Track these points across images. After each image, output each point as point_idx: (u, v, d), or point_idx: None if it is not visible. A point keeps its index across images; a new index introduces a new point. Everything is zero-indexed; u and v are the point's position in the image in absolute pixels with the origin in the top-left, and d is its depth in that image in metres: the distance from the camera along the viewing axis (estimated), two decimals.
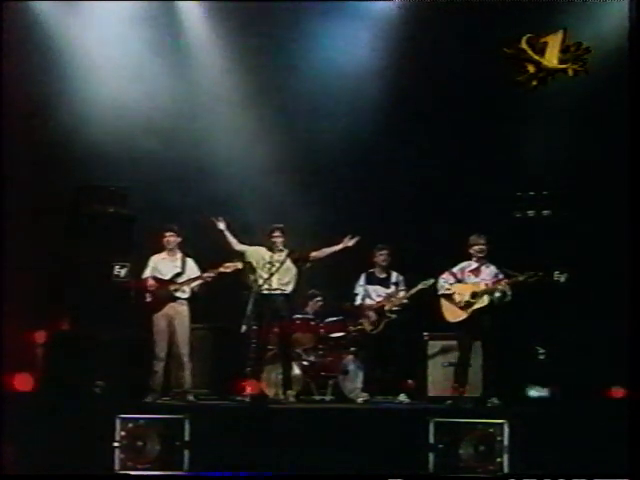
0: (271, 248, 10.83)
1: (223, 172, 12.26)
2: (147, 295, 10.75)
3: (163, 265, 10.85)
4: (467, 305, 10.56)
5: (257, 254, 10.85)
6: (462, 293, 10.60)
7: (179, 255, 10.88)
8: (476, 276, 10.69)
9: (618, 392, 10.15)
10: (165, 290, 10.72)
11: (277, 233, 10.81)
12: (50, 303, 11.08)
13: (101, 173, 11.62)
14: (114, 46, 11.79)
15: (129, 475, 9.34)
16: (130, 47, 11.84)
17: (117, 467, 9.38)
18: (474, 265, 10.73)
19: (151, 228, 11.24)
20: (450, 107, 11.92)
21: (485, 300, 10.51)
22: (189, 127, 12.25)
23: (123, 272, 11.23)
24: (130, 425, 9.47)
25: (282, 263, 10.75)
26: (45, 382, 10.57)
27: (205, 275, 10.73)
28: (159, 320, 10.67)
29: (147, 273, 10.86)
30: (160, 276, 10.81)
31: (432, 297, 10.88)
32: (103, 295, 11.10)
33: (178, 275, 10.77)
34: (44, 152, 11.31)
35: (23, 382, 10.40)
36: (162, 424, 9.53)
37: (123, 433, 9.44)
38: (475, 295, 10.53)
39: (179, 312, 10.71)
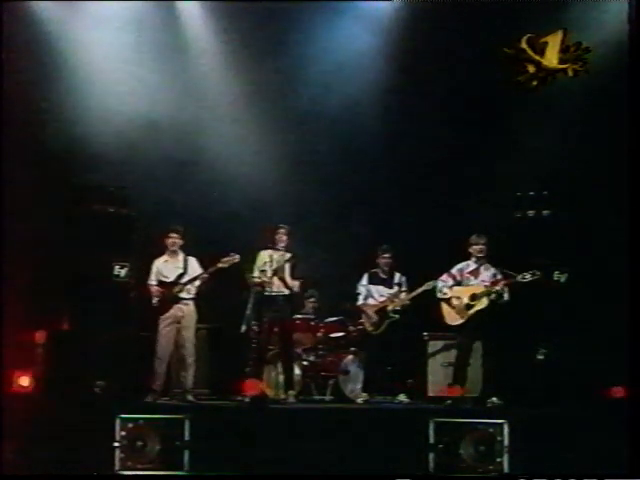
0: (272, 248, 10.80)
1: (224, 173, 12.26)
2: (154, 300, 10.75)
3: (166, 268, 10.85)
4: (467, 307, 10.56)
5: (261, 256, 10.84)
6: (461, 296, 10.60)
7: (181, 256, 10.87)
8: (475, 277, 10.69)
9: (618, 392, 10.14)
10: (170, 292, 10.72)
11: (282, 231, 10.77)
12: (50, 303, 11.08)
13: (101, 173, 11.62)
14: (114, 46, 11.78)
15: (129, 475, 9.35)
16: (130, 47, 11.83)
17: (117, 467, 9.38)
18: (473, 266, 10.73)
19: (151, 228, 11.24)
20: (450, 107, 11.91)
21: (484, 302, 10.51)
22: (189, 127, 12.23)
23: (123, 272, 11.24)
24: (130, 425, 9.46)
25: (283, 264, 10.72)
26: (45, 382, 10.57)
27: (204, 273, 10.71)
28: (166, 322, 10.66)
29: (152, 278, 10.86)
30: (164, 279, 10.81)
31: (434, 298, 10.88)
32: (103, 295, 11.10)
33: (181, 276, 10.76)
34: (44, 152, 11.30)
35: (23, 382, 10.41)
36: (162, 424, 9.53)
37: (123, 433, 9.43)
38: (474, 297, 10.53)
39: (186, 313, 10.72)
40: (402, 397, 11.11)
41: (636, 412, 9.14)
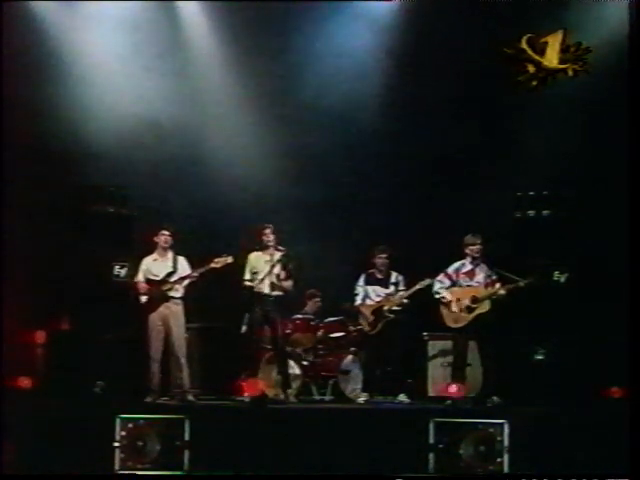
0: (262, 248, 10.78)
1: (223, 172, 12.27)
2: (141, 297, 10.74)
3: (155, 266, 10.80)
4: (468, 310, 10.53)
5: (256, 258, 10.83)
6: (462, 298, 10.57)
7: (170, 255, 10.82)
8: (470, 278, 10.65)
9: (618, 392, 10.15)
10: (158, 290, 10.68)
11: (267, 231, 10.75)
12: (50, 303, 11.08)
13: (101, 173, 11.63)
14: (114, 46, 11.79)
15: (129, 475, 9.35)
16: (130, 47, 11.83)
17: (117, 467, 9.38)
18: (468, 267, 10.70)
19: (151, 228, 11.24)
20: (450, 107, 11.91)
21: (487, 305, 10.49)
22: (189, 127, 12.24)
23: (123, 272, 11.24)
24: (130, 425, 9.46)
25: (275, 263, 10.72)
26: (45, 382, 10.58)
27: (196, 272, 10.71)
28: (154, 320, 10.63)
29: (139, 276, 10.83)
30: (152, 277, 10.76)
31: (431, 297, 10.88)
32: (103, 295, 11.10)
33: (170, 274, 10.73)
34: (44, 152, 11.31)
35: (23, 382, 10.41)
36: (162, 424, 9.52)
37: (123, 433, 9.43)
38: (476, 300, 10.50)
39: (174, 312, 10.67)
40: (402, 397, 11.11)
41: (636, 412, 9.14)
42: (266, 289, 10.69)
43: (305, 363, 11.28)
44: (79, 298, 11.14)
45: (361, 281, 11.48)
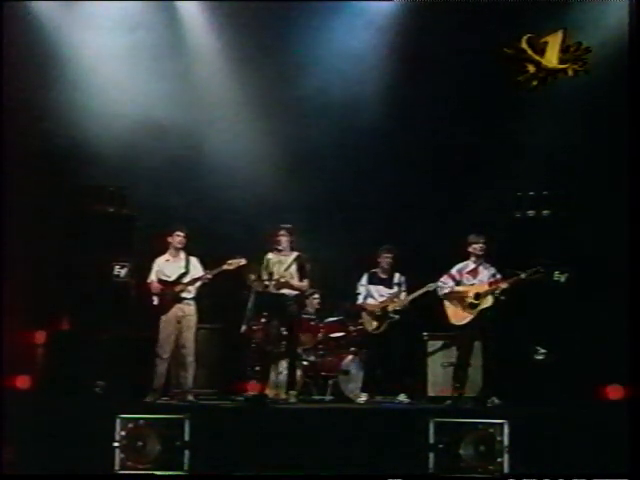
0: (274, 249, 10.77)
1: (224, 173, 12.26)
2: (154, 298, 10.72)
3: (167, 267, 10.79)
4: (472, 306, 10.54)
5: (272, 258, 10.81)
6: (465, 296, 10.58)
7: (183, 256, 10.82)
8: (474, 277, 10.67)
9: (618, 392, 10.15)
10: (171, 291, 10.68)
11: (283, 232, 10.74)
12: (50, 303, 11.08)
13: (101, 173, 11.63)
14: (114, 46, 11.79)
15: (129, 475, 9.35)
16: (130, 47, 11.83)
17: (117, 467, 9.38)
18: (472, 266, 10.71)
19: (151, 228, 11.25)
20: (450, 107, 11.92)
21: (489, 300, 10.49)
22: (189, 127, 12.24)
23: (123, 272, 11.24)
24: (130, 425, 9.45)
25: (290, 265, 10.71)
26: (45, 382, 10.58)
27: (209, 273, 10.70)
28: (167, 321, 10.62)
29: (152, 276, 10.81)
30: (165, 278, 10.75)
31: (433, 298, 10.87)
32: (103, 295, 11.11)
33: (183, 275, 10.72)
34: (44, 152, 11.31)
35: (23, 382, 10.42)
36: (162, 424, 9.52)
37: (123, 433, 9.42)
38: (478, 296, 10.51)
39: (187, 313, 10.67)
40: (402, 397, 11.10)
41: (636, 412, 9.14)
42: (282, 290, 10.69)
43: (305, 363, 11.28)
44: (79, 298, 11.14)
45: (364, 280, 11.46)
